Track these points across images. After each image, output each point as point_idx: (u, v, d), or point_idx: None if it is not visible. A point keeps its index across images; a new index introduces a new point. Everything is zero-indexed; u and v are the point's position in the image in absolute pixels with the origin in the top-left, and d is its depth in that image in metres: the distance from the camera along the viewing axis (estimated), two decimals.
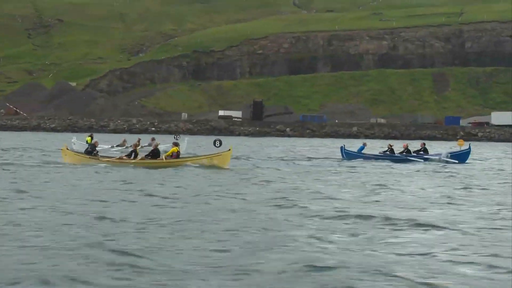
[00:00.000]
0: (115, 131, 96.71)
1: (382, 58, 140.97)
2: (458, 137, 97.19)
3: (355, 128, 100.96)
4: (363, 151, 38.23)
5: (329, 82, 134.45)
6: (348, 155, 37.36)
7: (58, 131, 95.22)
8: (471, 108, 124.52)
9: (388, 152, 37.13)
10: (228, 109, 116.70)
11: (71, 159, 29.10)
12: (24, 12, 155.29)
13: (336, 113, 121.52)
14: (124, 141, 42.87)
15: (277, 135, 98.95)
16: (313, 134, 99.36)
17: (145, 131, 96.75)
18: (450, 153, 37.00)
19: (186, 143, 41.84)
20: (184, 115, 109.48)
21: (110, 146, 41.29)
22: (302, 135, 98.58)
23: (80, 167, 26.59)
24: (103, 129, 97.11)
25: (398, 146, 42.63)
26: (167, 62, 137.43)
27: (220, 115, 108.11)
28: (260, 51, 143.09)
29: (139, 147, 32.53)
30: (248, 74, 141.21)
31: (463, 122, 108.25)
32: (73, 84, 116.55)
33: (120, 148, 40.07)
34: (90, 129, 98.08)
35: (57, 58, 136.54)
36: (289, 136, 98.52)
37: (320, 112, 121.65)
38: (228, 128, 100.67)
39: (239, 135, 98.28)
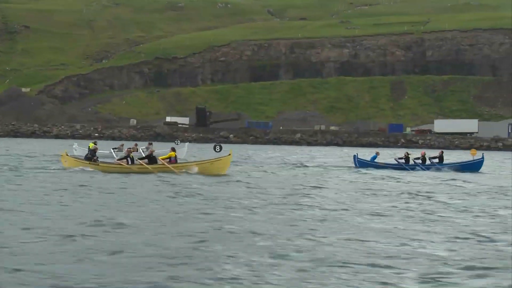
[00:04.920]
0: (57, 136, 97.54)
1: (343, 66, 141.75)
2: (399, 144, 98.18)
3: (298, 135, 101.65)
4: (376, 160, 38.75)
5: (288, 89, 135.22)
6: (361, 164, 37.99)
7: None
8: (426, 116, 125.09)
9: (403, 160, 37.47)
10: (186, 116, 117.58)
11: (70, 164, 29.77)
12: None
13: (290, 120, 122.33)
14: (122, 145, 42.80)
15: (221, 142, 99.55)
16: (256, 141, 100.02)
17: (88, 136, 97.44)
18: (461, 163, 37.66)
19: (187, 148, 42.58)
20: (133, 121, 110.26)
21: (108, 152, 41.42)
22: (245, 142, 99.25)
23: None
24: (45, 135, 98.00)
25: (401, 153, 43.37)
26: (128, 68, 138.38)
27: (165, 121, 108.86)
28: (223, 58, 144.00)
29: (137, 152, 32.71)
30: (210, 81, 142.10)
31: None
32: (27, 90, 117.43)
33: (118, 152, 39.51)
34: (32, 135, 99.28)
35: (19, 64, 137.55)
36: (232, 142, 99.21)
37: (276, 119, 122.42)
38: (172, 134, 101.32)
39: (183, 141, 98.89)
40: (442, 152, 39.13)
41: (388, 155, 55.91)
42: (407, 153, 39.10)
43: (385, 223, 15.09)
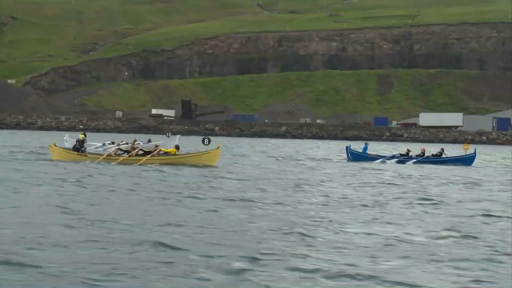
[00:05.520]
0: (42, 128, 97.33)
1: (331, 59, 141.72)
2: (384, 137, 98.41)
3: (283, 128, 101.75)
4: (367, 152, 39.12)
5: (275, 82, 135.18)
6: (353, 156, 38.11)
7: None
8: (413, 110, 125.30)
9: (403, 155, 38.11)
10: (173, 109, 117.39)
11: (58, 155, 29.91)
12: None
13: (277, 113, 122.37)
14: (121, 142, 42.31)
15: (206, 134, 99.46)
16: (241, 134, 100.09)
17: (73, 128, 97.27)
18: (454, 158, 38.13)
19: (178, 141, 42.84)
20: (118, 113, 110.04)
21: (101, 144, 41.05)
22: (230, 134, 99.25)
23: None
24: (30, 127, 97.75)
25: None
26: (116, 60, 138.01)
27: (151, 114, 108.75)
28: (210, 51, 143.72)
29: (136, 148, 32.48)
30: (198, 74, 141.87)
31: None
32: (12, 81, 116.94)
33: (112, 146, 38.39)
34: (17, 126, 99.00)
35: (6, 56, 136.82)
36: (217, 135, 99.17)
37: (263, 112, 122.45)
38: (157, 127, 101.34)
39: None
40: (443, 149, 39.75)
41: (373, 148, 56.12)
42: (408, 149, 39.71)
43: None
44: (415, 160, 37.37)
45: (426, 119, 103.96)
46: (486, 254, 11.03)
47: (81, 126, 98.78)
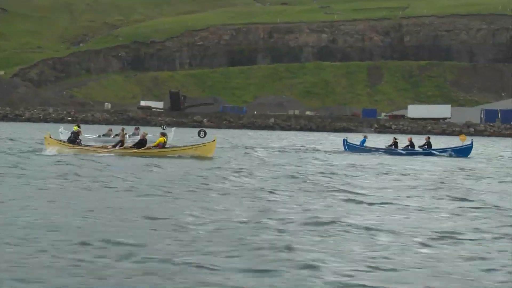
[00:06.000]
0: (29, 120, 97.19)
1: (321, 51, 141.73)
2: (372, 129, 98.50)
3: (271, 120, 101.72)
4: (365, 144, 39.07)
5: (265, 74, 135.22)
6: (350, 148, 38.19)
7: None
8: (402, 101, 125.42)
9: (392, 146, 37.98)
10: (162, 101, 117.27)
11: (53, 147, 29.85)
12: None
13: (266, 105, 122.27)
14: (110, 130, 42.27)
15: (194, 126, 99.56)
16: (229, 125, 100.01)
17: (61, 120, 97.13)
18: (452, 149, 38.19)
19: (173, 133, 42.74)
20: (107, 105, 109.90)
21: (97, 136, 40.87)
22: (218, 126, 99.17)
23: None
24: (18, 118, 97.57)
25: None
26: (105, 52, 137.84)
27: (139, 106, 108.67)
28: (201, 43, 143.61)
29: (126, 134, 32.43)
30: (188, 66, 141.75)
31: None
32: (1, 73, 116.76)
33: (106, 137, 38.78)
34: (4, 118, 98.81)
35: None
36: (206, 127, 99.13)
37: (253, 104, 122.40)
38: (145, 119, 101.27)
39: (155, 125, 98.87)
40: (429, 138, 39.87)
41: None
42: (394, 138, 39.71)
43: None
44: (409, 151, 37.32)
45: (414, 111, 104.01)
46: None
47: (69, 118, 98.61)
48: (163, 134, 30.44)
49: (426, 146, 38.15)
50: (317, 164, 28.69)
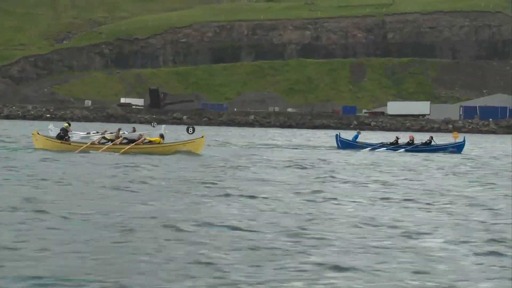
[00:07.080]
0: (8, 117, 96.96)
1: (305, 48, 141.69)
2: (351, 126, 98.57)
3: (251, 117, 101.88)
4: (357, 140, 39.19)
5: (249, 71, 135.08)
6: (343, 144, 38.19)
7: None
8: (384, 98, 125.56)
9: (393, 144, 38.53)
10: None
11: (41, 144, 29.82)
12: None
13: (249, 102, 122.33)
14: (105, 131, 41.97)
15: (174, 123, 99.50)
16: (209, 122, 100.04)
17: (39, 117, 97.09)
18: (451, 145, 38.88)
19: (163, 131, 42.66)
20: (87, 102, 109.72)
21: (86, 133, 40.52)
22: (198, 123, 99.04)
23: None
24: None
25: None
26: (88, 49, 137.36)
27: (119, 103, 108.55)
28: (184, 40, 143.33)
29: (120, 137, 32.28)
30: (171, 63, 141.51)
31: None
32: None
33: (98, 135, 38.01)
34: None
35: None
36: (185, 124, 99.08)
37: (236, 101, 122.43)
38: (125, 116, 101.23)
39: (134, 122, 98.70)
40: (432, 137, 40.29)
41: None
42: (397, 137, 40.27)
43: None
44: (405, 148, 37.57)
45: (394, 107, 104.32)
46: None
47: (48, 115, 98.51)
48: (161, 136, 30.41)
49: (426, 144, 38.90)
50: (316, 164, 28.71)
